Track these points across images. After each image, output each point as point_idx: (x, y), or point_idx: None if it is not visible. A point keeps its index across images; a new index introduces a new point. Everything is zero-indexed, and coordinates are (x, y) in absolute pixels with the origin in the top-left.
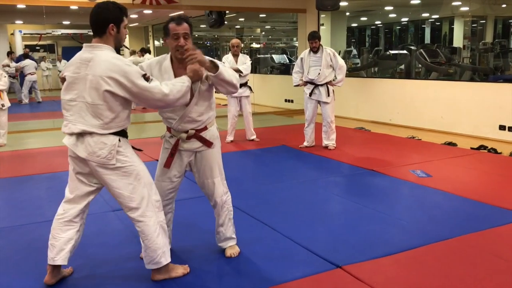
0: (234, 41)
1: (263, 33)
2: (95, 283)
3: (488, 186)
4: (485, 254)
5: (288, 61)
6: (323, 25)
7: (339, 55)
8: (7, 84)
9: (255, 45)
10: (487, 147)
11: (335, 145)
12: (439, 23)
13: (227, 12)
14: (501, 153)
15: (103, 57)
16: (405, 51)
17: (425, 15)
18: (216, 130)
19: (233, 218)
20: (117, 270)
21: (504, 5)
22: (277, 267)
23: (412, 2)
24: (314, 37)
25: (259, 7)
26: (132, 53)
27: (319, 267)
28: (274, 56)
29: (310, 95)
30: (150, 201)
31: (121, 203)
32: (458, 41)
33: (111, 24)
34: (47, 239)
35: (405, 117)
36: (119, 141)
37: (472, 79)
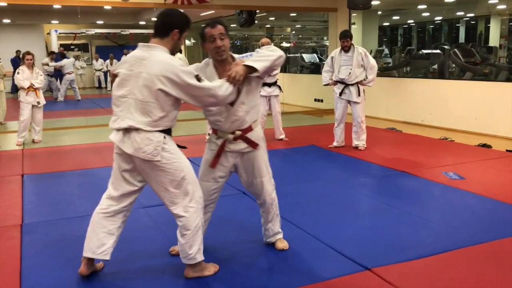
0: (264, 40)
1: (293, 32)
2: (125, 277)
3: None
4: None
5: (318, 60)
6: (354, 24)
7: (370, 54)
8: (43, 82)
9: (285, 44)
10: None
11: (365, 146)
12: (474, 22)
13: (257, 11)
14: None
15: (158, 57)
16: (438, 51)
17: (460, 13)
18: (261, 130)
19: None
20: (148, 266)
21: None
22: (305, 267)
23: (446, 0)
24: (345, 36)
25: (290, 6)
26: None
27: (348, 268)
28: (304, 55)
29: (340, 94)
30: (193, 197)
31: (164, 198)
32: (494, 40)
33: (176, 29)
34: (79, 234)
35: (438, 117)
36: (165, 138)
37: (508, 79)
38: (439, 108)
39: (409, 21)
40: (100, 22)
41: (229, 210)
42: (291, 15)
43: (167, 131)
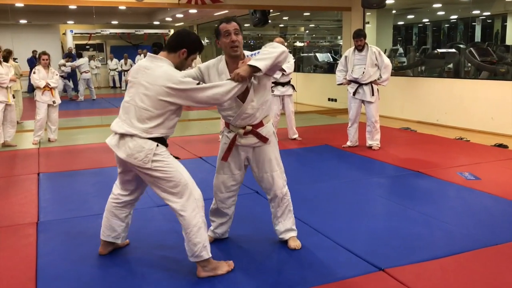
0: (277, 39)
1: (307, 31)
2: (139, 274)
3: None
4: None
5: (332, 60)
6: (368, 23)
7: (384, 53)
8: (58, 82)
9: (298, 44)
10: None
11: (379, 145)
12: (490, 21)
13: (271, 11)
14: None
15: (162, 68)
16: (453, 50)
17: (476, 12)
18: (272, 126)
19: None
20: (161, 263)
21: None
22: (318, 267)
23: None
24: (359, 35)
25: (303, 6)
26: None
27: (361, 269)
28: (317, 54)
29: (354, 94)
30: (190, 196)
31: (163, 199)
32: (511, 39)
33: (185, 49)
34: (93, 232)
35: (453, 117)
36: (157, 146)
37: None
38: (455, 107)
39: (424, 20)
40: (114, 22)
41: (243, 208)
42: (305, 14)
43: (161, 140)
